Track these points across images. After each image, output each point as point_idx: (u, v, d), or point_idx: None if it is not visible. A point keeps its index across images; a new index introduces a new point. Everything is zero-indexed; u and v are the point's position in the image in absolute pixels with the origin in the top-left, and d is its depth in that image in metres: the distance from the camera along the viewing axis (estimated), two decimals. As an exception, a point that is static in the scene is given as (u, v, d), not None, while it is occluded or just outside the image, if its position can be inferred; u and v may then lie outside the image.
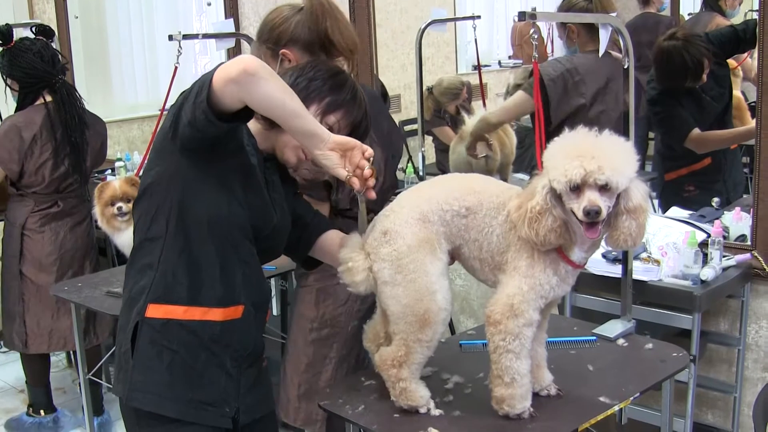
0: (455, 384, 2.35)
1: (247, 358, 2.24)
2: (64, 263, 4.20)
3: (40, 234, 4.16)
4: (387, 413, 2.19)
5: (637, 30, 5.02)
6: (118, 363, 2.20)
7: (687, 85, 3.92)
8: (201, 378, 2.16)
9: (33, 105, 4.10)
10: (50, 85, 4.10)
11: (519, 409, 2.12)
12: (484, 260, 2.13)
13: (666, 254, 3.17)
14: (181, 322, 2.13)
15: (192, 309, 2.13)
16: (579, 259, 2.08)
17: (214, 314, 2.14)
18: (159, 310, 2.13)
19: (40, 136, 4.06)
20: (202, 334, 2.14)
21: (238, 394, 2.22)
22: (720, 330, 3.46)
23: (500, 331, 2.06)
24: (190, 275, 2.12)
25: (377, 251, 2.10)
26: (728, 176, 4.11)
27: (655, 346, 2.57)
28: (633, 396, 2.28)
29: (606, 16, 3.03)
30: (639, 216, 2.01)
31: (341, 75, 2.37)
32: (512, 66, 6.17)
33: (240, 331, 2.20)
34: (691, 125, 3.92)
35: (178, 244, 2.11)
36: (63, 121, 4.10)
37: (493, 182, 2.20)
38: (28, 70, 4.05)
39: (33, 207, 4.17)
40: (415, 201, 2.14)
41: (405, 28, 5.36)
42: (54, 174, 4.13)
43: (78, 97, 4.23)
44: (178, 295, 2.12)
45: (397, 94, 5.49)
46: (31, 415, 4.44)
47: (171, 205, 2.09)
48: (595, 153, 1.92)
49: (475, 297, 4.25)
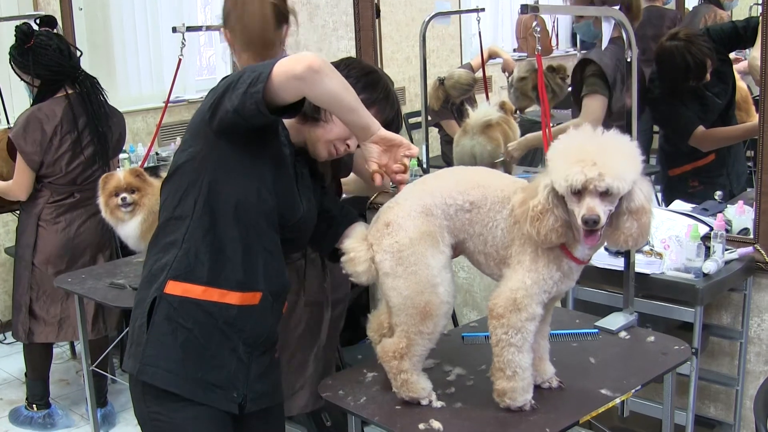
0: (457, 376, 2.36)
1: (260, 345, 2.26)
2: (75, 254, 4.21)
3: (55, 225, 4.19)
4: (389, 405, 2.20)
5: (642, 24, 5.00)
6: (131, 337, 2.23)
7: (690, 84, 3.91)
8: (212, 359, 2.18)
9: (53, 97, 4.13)
10: (73, 78, 4.15)
11: (520, 401, 2.12)
12: (489, 254, 2.13)
13: (668, 247, 3.17)
14: (199, 302, 2.17)
15: (210, 290, 2.17)
16: (583, 256, 2.09)
17: (232, 297, 2.18)
18: (178, 288, 2.17)
19: (60, 127, 4.10)
20: (217, 316, 2.17)
21: (248, 380, 2.25)
22: (722, 323, 3.47)
23: (503, 324, 2.07)
24: (213, 256, 2.16)
25: (379, 242, 2.11)
26: (732, 169, 4.10)
27: (657, 339, 2.58)
28: (635, 389, 2.29)
29: (609, 10, 3.03)
30: (641, 217, 2.00)
31: (374, 74, 2.46)
32: (517, 59, 6.16)
33: (256, 317, 2.23)
34: (695, 123, 3.91)
35: (204, 224, 2.15)
36: (87, 113, 4.15)
37: (497, 176, 2.20)
38: (53, 68, 4.10)
39: (49, 197, 4.20)
40: (419, 194, 2.14)
41: (409, 20, 5.35)
42: (71, 165, 4.17)
43: (101, 89, 4.28)
44: (199, 274, 2.16)
45: (402, 86, 5.48)
46: (27, 408, 4.47)
47: (201, 185, 2.14)
48: (597, 158, 1.91)
49: (478, 289, 4.25)
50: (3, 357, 5.37)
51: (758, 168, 3.22)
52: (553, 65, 5.05)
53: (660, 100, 4.01)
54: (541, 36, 2.70)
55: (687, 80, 3.90)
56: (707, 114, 3.96)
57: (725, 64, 4.05)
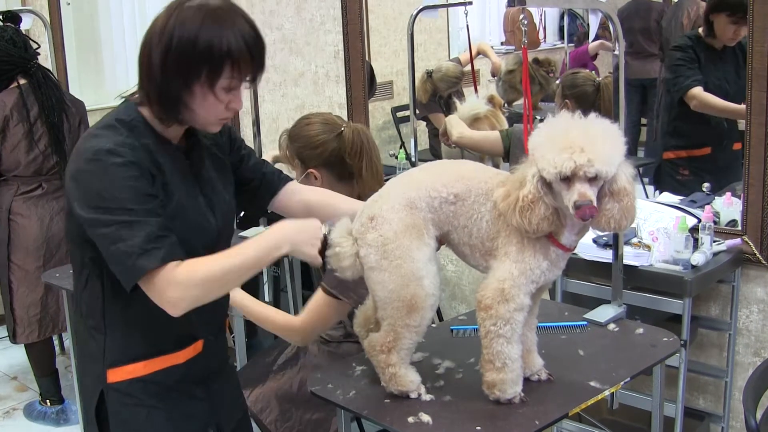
0: (446, 369, 2.36)
1: (212, 377, 2.24)
2: (51, 247, 4.20)
3: (27, 219, 4.16)
4: (378, 399, 2.20)
5: (630, 16, 5.01)
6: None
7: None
8: (179, 416, 2.15)
9: (6, 89, 4.13)
10: (25, 69, 4.15)
11: (510, 393, 2.12)
12: (474, 246, 2.13)
13: (657, 239, 3.18)
14: (144, 378, 2.08)
15: (153, 361, 2.09)
16: (569, 243, 2.08)
17: (176, 358, 2.12)
18: (119, 374, 2.07)
19: (11, 117, 4.09)
20: (168, 380, 2.11)
21: (215, 412, 2.24)
22: (711, 315, 3.48)
23: (491, 315, 2.06)
24: (141, 330, 2.06)
25: (363, 236, 2.10)
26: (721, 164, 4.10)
27: (645, 331, 2.58)
28: (624, 381, 2.29)
29: (596, 2, 3.03)
30: (623, 198, 2.01)
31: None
32: (504, 52, 6.15)
33: (204, 361, 2.19)
34: (697, 81, 3.92)
35: (118, 302, 2.02)
36: (39, 102, 4.14)
37: (481, 168, 2.20)
38: (3, 57, 4.10)
39: (16, 190, 4.18)
40: (403, 187, 2.13)
41: (397, 14, 5.34)
42: (29, 156, 4.14)
43: (54, 80, 4.28)
44: (135, 352, 2.07)
45: (390, 80, 5.47)
46: (41, 403, 4.46)
47: (91, 265, 2.01)
48: (585, 144, 1.91)
49: (466, 283, 4.25)
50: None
51: (745, 159, 3.23)
52: (539, 58, 5.06)
53: (682, 47, 4.01)
54: (529, 29, 2.70)
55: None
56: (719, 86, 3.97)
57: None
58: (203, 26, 1.87)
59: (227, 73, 1.89)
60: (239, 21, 1.90)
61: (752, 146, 3.18)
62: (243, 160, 2.29)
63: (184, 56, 1.87)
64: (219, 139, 2.20)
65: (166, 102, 1.93)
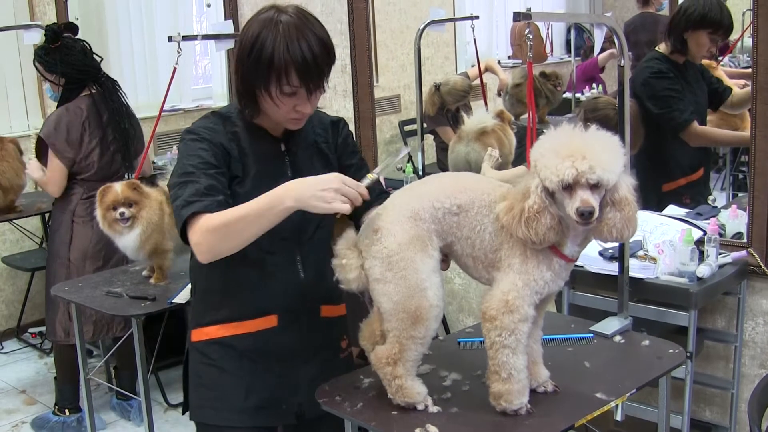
0: (453, 381, 2.36)
1: (296, 356, 2.38)
2: (110, 251, 4.22)
3: (89, 223, 4.23)
4: (385, 410, 2.20)
5: (636, 29, 5.04)
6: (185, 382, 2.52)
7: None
8: (249, 385, 2.35)
9: (79, 96, 4.28)
10: (96, 78, 4.31)
11: (517, 404, 2.13)
12: (477, 258, 2.14)
13: (662, 252, 3.19)
14: (218, 340, 2.34)
15: (226, 326, 2.33)
16: (572, 253, 2.10)
17: (247, 326, 2.32)
18: (199, 334, 2.38)
19: (88, 124, 4.25)
20: (239, 346, 2.33)
21: (297, 391, 2.39)
22: (717, 327, 3.48)
23: (496, 326, 2.07)
24: (220, 295, 2.32)
25: (368, 249, 2.12)
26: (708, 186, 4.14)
27: (651, 343, 2.58)
28: (629, 392, 2.29)
29: (601, 16, 3.05)
30: (624, 208, 2.02)
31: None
32: (512, 66, 6.18)
33: (278, 337, 2.35)
34: (693, 114, 3.92)
35: (202, 268, 2.25)
36: (109, 110, 4.29)
37: (483, 180, 2.21)
38: (79, 67, 4.27)
39: (82, 194, 4.30)
40: (407, 199, 2.15)
41: (404, 28, 5.37)
42: (102, 161, 4.29)
43: (121, 90, 4.42)
44: (213, 316, 2.36)
45: (397, 94, 5.50)
46: (56, 413, 4.47)
47: None
48: (586, 152, 1.93)
49: (474, 296, 4.26)
50: (1, 366, 5.36)
51: (750, 172, 3.24)
52: (546, 72, 5.08)
53: (662, 74, 3.98)
54: (535, 43, 2.72)
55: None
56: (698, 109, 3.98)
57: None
58: (274, 39, 2.13)
59: (284, 80, 2.14)
60: (306, 35, 2.14)
61: (757, 159, 3.19)
62: (348, 168, 2.42)
63: (251, 65, 2.15)
64: (331, 137, 2.45)
65: (242, 100, 2.25)
